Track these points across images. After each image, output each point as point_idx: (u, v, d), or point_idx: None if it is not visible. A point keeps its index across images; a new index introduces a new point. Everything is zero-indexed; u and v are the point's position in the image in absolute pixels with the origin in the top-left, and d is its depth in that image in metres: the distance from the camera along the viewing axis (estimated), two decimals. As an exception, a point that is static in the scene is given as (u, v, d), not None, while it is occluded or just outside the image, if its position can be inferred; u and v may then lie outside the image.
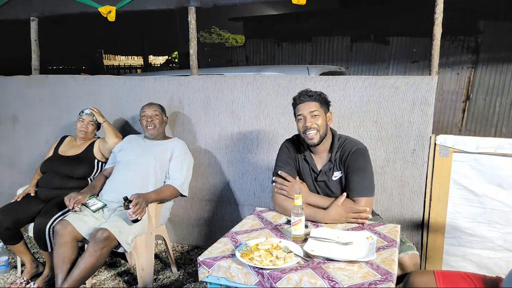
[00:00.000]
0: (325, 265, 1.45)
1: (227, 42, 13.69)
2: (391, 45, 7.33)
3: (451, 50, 6.65)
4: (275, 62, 8.62)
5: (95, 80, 3.29)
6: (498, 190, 2.23)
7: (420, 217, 2.44)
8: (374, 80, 2.46)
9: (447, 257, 2.39)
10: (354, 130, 2.49)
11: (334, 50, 7.95)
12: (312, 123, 1.90)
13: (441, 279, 1.60)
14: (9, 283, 2.69)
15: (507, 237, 2.24)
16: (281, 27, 8.69)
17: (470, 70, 6.68)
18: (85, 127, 2.79)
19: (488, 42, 6.52)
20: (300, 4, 2.53)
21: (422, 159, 2.37)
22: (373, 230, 1.79)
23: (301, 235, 1.67)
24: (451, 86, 6.76)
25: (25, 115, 3.54)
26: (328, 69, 4.24)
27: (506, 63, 6.31)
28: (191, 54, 2.93)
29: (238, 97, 2.79)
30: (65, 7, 3.21)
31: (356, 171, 1.91)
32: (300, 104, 1.95)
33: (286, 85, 2.66)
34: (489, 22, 6.50)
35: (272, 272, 1.42)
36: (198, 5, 2.84)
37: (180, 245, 3.20)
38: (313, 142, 1.93)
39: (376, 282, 1.34)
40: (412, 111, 2.37)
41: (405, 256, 1.83)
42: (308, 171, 2.03)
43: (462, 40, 6.69)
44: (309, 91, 1.97)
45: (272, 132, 2.75)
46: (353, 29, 7.66)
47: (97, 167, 2.77)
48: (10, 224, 2.49)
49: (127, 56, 19.23)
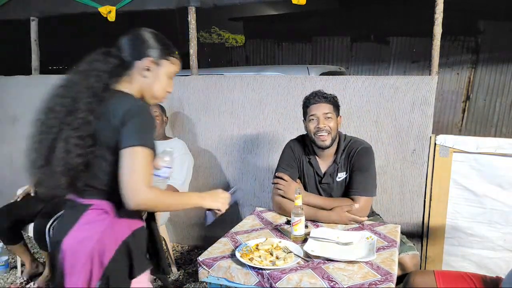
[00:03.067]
0: (325, 265, 1.45)
1: (227, 42, 13.68)
2: (391, 45, 7.32)
3: (451, 50, 6.64)
4: (275, 62, 8.61)
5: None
6: (498, 190, 2.22)
7: (420, 217, 2.44)
8: (374, 80, 2.46)
9: (447, 257, 2.39)
10: (354, 130, 2.49)
11: (334, 50, 7.94)
12: (325, 125, 1.89)
13: (441, 279, 1.60)
14: (9, 283, 2.69)
15: (507, 237, 2.24)
16: (281, 27, 8.67)
17: (470, 70, 6.67)
18: (85, 127, 2.79)
19: (488, 42, 6.51)
20: (300, 4, 2.53)
21: (422, 159, 2.37)
22: (373, 230, 1.79)
23: (301, 235, 1.67)
24: (451, 86, 6.75)
25: (25, 115, 3.54)
26: (328, 69, 4.24)
27: (506, 63, 6.31)
28: (191, 54, 2.93)
29: (238, 97, 2.79)
30: (65, 7, 3.21)
31: (360, 170, 1.90)
32: (313, 105, 1.93)
33: (286, 85, 2.66)
34: (489, 22, 6.49)
35: (272, 272, 1.42)
36: (198, 5, 2.84)
37: (180, 245, 3.20)
38: (325, 144, 1.91)
39: (376, 282, 1.34)
40: (412, 111, 2.37)
41: (405, 256, 1.83)
42: (312, 174, 2.01)
43: (462, 40, 6.68)
44: (324, 93, 1.95)
45: (272, 132, 2.75)
46: (353, 29, 7.65)
47: (97, 167, 2.76)
48: (10, 224, 2.49)
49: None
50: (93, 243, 1.18)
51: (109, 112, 1.20)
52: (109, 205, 1.24)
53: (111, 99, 1.22)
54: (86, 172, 1.21)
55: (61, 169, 1.18)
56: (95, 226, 1.21)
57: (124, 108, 1.19)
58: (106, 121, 1.19)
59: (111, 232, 1.21)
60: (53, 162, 1.20)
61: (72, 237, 1.21)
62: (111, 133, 1.19)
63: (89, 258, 1.17)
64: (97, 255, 1.18)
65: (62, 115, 1.21)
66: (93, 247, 1.18)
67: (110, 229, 1.21)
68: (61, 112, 1.22)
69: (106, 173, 1.22)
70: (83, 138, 1.18)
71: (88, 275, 1.18)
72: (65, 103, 1.22)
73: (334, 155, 1.98)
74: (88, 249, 1.18)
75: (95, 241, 1.19)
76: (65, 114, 1.21)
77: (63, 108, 1.22)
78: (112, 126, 1.19)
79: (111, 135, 1.19)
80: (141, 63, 1.29)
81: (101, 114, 1.20)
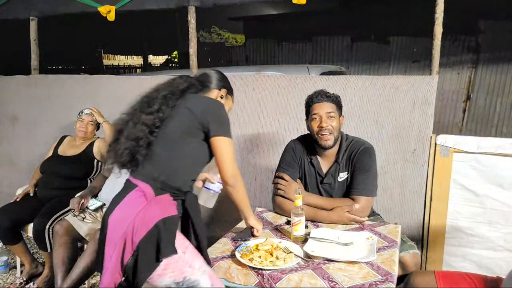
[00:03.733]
0: (325, 265, 1.45)
1: (227, 41, 13.67)
2: (392, 44, 7.32)
3: (452, 50, 6.63)
4: (275, 61, 8.60)
5: (94, 80, 3.29)
6: (499, 190, 2.22)
7: (420, 217, 2.43)
8: (374, 80, 2.45)
9: (448, 257, 2.39)
10: (354, 130, 2.48)
11: (334, 50, 7.93)
12: (327, 124, 1.89)
13: (442, 280, 1.60)
14: (8, 283, 2.69)
15: (507, 237, 2.24)
16: (281, 27, 8.66)
17: (470, 70, 6.66)
18: (85, 127, 2.79)
19: (488, 42, 6.50)
20: (300, 4, 2.52)
21: (422, 159, 2.37)
22: (374, 230, 1.78)
23: (301, 236, 1.67)
24: (452, 86, 6.74)
25: (24, 115, 3.54)
26: (328, 69, 4.23)
27: (507, 63, 6.30)
28: (191, 54, 2.93)
29: (238, 96, 2.77)
30: (65, 7, 3.21)
31: (361, 170, 1.90)
32: (316, 104, 1.93)
33: (286, 85, 2.66)
34: (489, 22, 6.49)
35: (272, 272, 1.42)
36: (198, 4, 2.84)
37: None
38: (328, 144, 1.91)
39: (376, 282, 1.33)
40: (412, 111, 2.37)
41: (406, 255, 1.83)
42: (313, 174, 2.01)
43: (462, 40, 6.67)
44: (327, 92, 1.95)
45: (272, 132, 2.74)
46: (353, 28, 7.64)
47: (96, 167, 2.76)
48: (10, 224, 2.49)
49: (126, 56, 19.22)
50: (127, 223, 1.32)
51: (191, 105, 1.46)
52: (150, 189, 1.38)
53: (190, 98, 1.50)
54: (145, 149, 1.39)
55: (126, 141, 1.40)
56: (132, 207, 1.35)
57: (205, 104, 1.52)
58: (188, 112, 1.45)
59: (143, 216, 1.32)
60: (120, 137, 1.43)
61: (114, 215, 1.37)
62: (195, 123, 1.45)
63: (123, 236, 1.31)
64: (130, 234, 1.31)
65: (138, 105, 1.47)
66: (127, 227, 1.31)
67: (143, 213, 1.33)
68: (140, 103, 1.48)
69: (160, 159, 1.42)
70: (152, 120, 1.41)
71: (121, 250, 1.32)
72: (146, 98, 1.49)
73: (335, 155, 1.97)
74: (123, 228, 1.32)
75: (129, 222, 1.32)
76: (145, 102, 1.47)
77: (144, 101, 1.48)
78: (196, 116, 1.45)
79: (196, 124, 1.45)
80: (219, 91, 1.73)
81: (177, 106, 1.45)
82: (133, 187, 1.40)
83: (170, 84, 1.53)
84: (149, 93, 1.52)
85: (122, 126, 1.46)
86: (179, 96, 1.49)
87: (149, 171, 1.41)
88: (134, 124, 1.42)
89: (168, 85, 1.53)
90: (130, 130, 1.42)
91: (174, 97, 1.47)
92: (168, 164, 1.42)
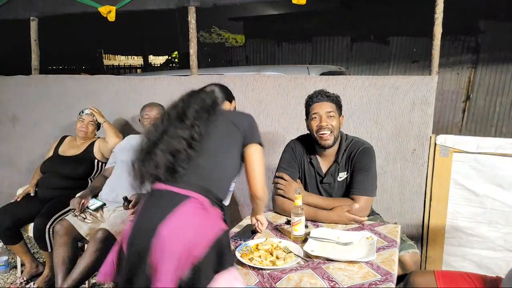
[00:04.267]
0: (325, 265, 1.45)
1: (227, 42, 13.67)
2: (391, 45, 7.32)
3: (451, 50, 6.63)
4: (275, 62, 8.60)
5: (95, 80, 3.29)
6: (499, 190, 2.22)
7: (420, 217, 2.43)
8: (374, 80, 2.46)
9: (447, 257, 2.39)
10: (354, 130, 2.49)
11: (334, 50, 7.93)
12: (327, 123, 1.89)
13: (441, 279, 1.60)
14: (9, 283, 2.69)
15: (507, 237, 2.24)
16: (281, 27, 8.67)
17: (470, 70, 6.67)
18: (85, 127, 2.79)
19: (488, 42, 6.51)
20: (300, 4, 2.53)
21: (422, 159, 2.37)
22: (373, 230, 1.78)
23: (301, 235, 1.67)
24: (451, 86, 6.75)
25: (25, 115, 3.54)
26: (328, 69, 4.23)
27: (507, 63, 6.30)
28: (191, 54, 2.93)
29: (238, 97, 2.77)
30: (65, 7, 3.21)
31: (361, 170, 1.90)
32: (316, 103, 1.94)
33: (286, 85, 2.66)
34: (489, 22, 6.49)
35: (272, 272, 1.42)
36: (198, 5, 2.84)
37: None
38: (327, 144, 1.91)
39: (376, 282, 1.34)
40: (412, 111, 2.37)
41: (406, 255, 1.83)
42: (313, 173, 2.01)
43: (462, 40, 6.67)
44: (327, 92, 1.97)
45: (272, 132, 2.74)
46: (353, 29, 7.64)
47: (97, 167, 2.76)
48: (10, 224, 2.49)
49: (127, 56, 19.22)
50: (191, 234, 1.24)
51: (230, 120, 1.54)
52: (207, 202, 1.35)
53: (228, 113, 1.64)
54: (187, 162, 1.37)
55: (163, 153, 1.36)
56: (193, 218, 1.29)
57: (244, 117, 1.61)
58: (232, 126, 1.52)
59: (205, 227, 1.28)
60: (155, 150, 1.37)
61: (171, 224, 1.25)
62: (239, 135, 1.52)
63: (186, 247, 1.22)
64: (193, 246, 1.23)
65: (172, 118, 1.44)
66: (191, 237, 1.24)
67: (204, 224, 1.29)
68: (172, 116, 1.45)
69: (204, 170, 1.42)
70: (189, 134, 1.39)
71: (180, 263, 1.21)
72: (178, 110, 1.46)
73: (335, 155, 1.98)
74: (187, 239, 1.23)
75: (193, 232, 1.25)
76: (175, 117, 1.44)
77: (174, 114, 1.45)
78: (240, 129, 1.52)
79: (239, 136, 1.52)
80: (230, 104, 2.00)
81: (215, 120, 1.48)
82: (182, 197, 1.33)
83: (195, 100, 1.51)
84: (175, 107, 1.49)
85: (156, 139, 1.41)
86: (211, 111, 1.50)
87: (195, 182, 1.38)
88: (170, 137, 1.39)
89: (193, 101, 1.50)
90: (167, 143, 1.38)
91: (205, 113, 1.47)
92: (211, 176, 1.42)
